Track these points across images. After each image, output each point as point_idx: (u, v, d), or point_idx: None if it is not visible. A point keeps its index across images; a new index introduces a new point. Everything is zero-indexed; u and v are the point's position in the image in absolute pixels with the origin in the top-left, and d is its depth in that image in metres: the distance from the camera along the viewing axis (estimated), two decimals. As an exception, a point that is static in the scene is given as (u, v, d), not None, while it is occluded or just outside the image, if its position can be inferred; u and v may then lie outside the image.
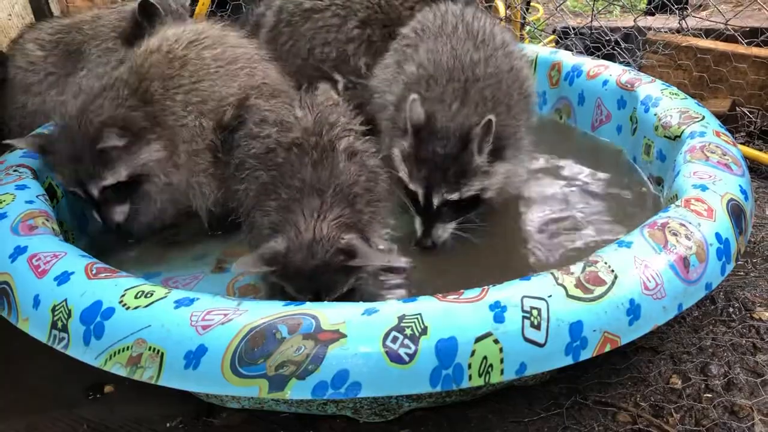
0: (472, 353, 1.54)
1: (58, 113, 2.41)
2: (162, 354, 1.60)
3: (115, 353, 1.64)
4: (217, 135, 2.39)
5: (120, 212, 2.38)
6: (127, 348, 1.63)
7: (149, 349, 1.61)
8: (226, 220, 2.41)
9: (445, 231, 2.33)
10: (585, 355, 1.63)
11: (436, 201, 2.28)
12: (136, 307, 1.68)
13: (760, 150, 3.26)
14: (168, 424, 1.97)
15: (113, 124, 2.26)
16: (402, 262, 2.18)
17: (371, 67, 2.94)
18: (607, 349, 1.65)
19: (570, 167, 2.90)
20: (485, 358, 1.55)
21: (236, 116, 2.38)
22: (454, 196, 2.27)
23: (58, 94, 2.96)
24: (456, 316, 1.58)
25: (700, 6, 4.20)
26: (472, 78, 2.37)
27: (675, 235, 1.84)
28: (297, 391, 1.51)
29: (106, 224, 2.39)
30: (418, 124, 2.27)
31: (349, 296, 1.89)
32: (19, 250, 1.94)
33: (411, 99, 2.28)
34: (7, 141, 2.48)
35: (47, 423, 2.00)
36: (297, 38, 3.02)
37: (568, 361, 1.62)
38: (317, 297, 1.84)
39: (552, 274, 1.71)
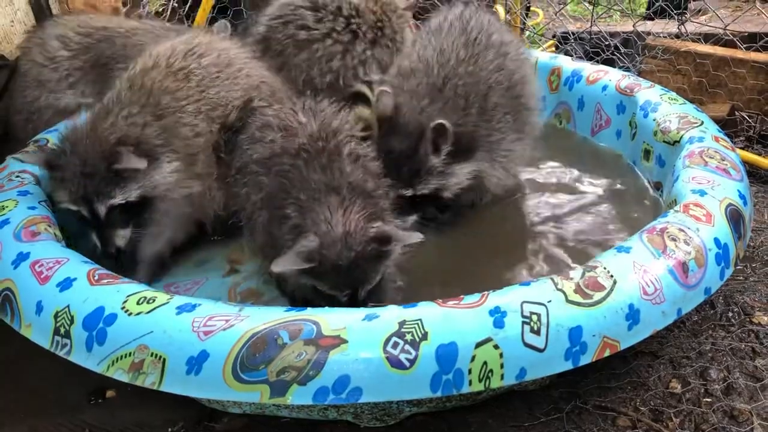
0: (473, 358, 1.55)
1: (66, 130, 2.32)
2: (164, 360, 1.61)
3: (117, 359, 1.65)
4: (221, 135, 2.38)
5: (122, 236, 2.26)
6: (130, 354, 1.64)
7: (151, 355, 1.62)
8: (228, 224, 2.42)
9: (405, 222, 2.30)
10: (585, 360, 1.64)
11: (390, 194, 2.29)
12: (138, 313, 1.69)
13: (759, 155, 3.27)
14: (169, 429, 1.97)
15: (127, 142, 2.20)
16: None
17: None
18: (607, 353, 1.66)
19: (569, 172, 2.91)
20: (485, 363, 1.56)
21: (240, 117, 2.38)
22: (408, 192, 2.32)
23: (75, 95, 2.94)
24: (456, 322, 1.59)
25: (699, 11, 4.21)
26: (451, 75, 2.38)
27: (674, 240, 1.85)
28: (298, 397, 1.52)
29: (105, 249, 2.27)
30: (382, 116, 2.32)
31: (377, 290, 1.92)
32: (22, 257, 1.96)
33: (379, 90, 2.33)
34: (14, 156, 2.48)
35: (49, 427, 2.01)
36: (289, 69, 2.88)
37: (568, 366, 1.63)
38: (354, 292, 1.87)
39: (551, 279, 1.72)
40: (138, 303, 1.72)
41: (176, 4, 4.27)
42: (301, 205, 1.94)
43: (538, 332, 1.60)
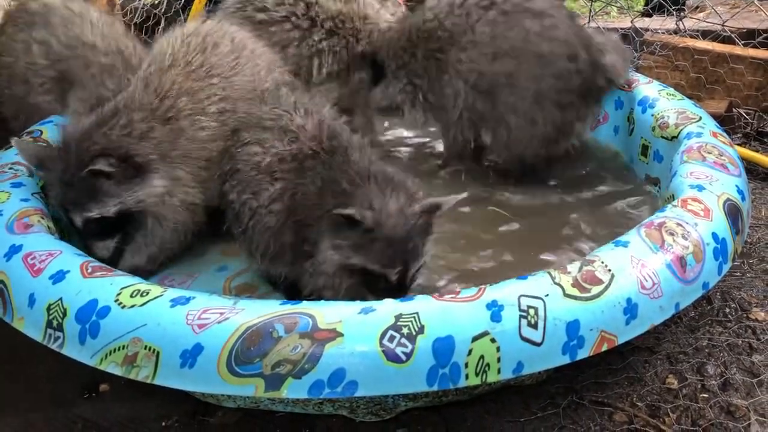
0: (469, 352, 1.54)
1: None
2: (158, 353, 1.59)
3: (110, 352, 1.64)
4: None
5: (103, 248, 2.18)
6: (123, 347, 1.62)
7: (145, 348, 1.60)
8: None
9: None
10: (582, 354, 1.63)
11: None
12: (131, 306, 1.67)
13: (757, 151, 3.26)
14: (163, 423, 1.96)
15: (111, 154, 2.10)
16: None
17: (334, 74, 2.94)
18: (604, 348, 1.65)
19: (566, 168, 2.90)
20: (482, 357, 1.55)
21: None
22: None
23: (52, 100, 2.85)
24: (453, 315, 1.58)
25: (697, 7, 4.21)
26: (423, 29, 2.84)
27: (672, 234, 1.84)
28: (293, 390, 1.50)
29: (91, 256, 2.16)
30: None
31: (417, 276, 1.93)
32: (14, 249, 1.93)
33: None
34: (14, 141, 2.36)
35: (43, 421, 2.00)
36: None
37: (565, 360, 1.62)
38: (405, 270, 1.85)
39: (549, 273, 1.71)
40: (132, 296, 1.70)
41: (172, -3, 4.23)
42: (339, 201, 1.89)
43: (535, 326, 1.58)
